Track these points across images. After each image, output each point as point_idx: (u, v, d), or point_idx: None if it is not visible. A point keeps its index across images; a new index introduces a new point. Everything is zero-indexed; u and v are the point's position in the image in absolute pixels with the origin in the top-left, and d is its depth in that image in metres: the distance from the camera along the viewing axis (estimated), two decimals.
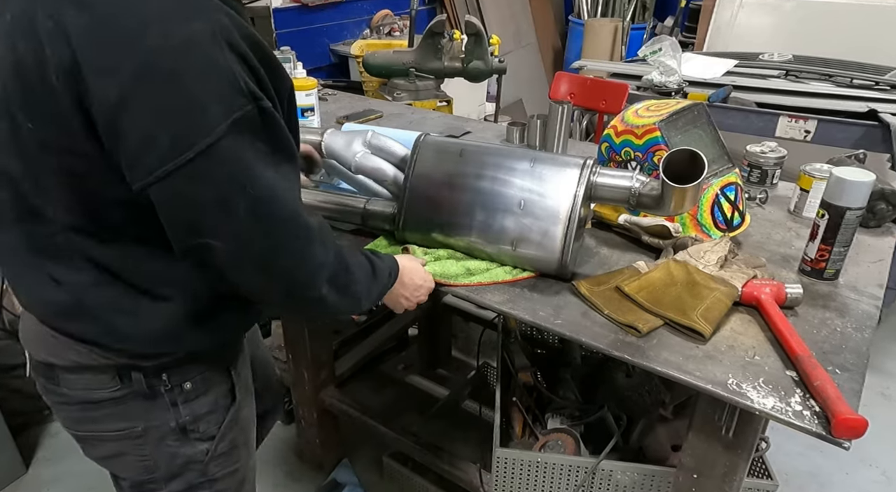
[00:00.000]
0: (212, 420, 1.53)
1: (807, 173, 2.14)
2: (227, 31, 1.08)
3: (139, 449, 1.48)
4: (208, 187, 1.12)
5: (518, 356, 2.56)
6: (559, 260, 1.72)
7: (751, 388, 1.39)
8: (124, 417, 1.44)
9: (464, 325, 3.75)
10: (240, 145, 1.10)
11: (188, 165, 1.08)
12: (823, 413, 1.31)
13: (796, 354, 1.44)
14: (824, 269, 1.80)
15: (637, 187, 1.68)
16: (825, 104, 3.66)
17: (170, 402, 1.45)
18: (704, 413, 1.56)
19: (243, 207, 1.14)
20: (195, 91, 1.06)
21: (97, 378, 1.39)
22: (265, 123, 1.14)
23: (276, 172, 1.18)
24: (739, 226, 1.97)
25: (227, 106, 1.08)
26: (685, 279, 1.70)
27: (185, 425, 1.49)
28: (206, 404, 1.51)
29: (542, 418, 2.38)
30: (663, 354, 1.50)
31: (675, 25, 6.78)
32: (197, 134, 1.07)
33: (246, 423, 1.65)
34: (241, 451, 1.65)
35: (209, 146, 1.07)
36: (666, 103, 1.99)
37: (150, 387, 1.41)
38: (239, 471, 1.66)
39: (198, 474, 1.56)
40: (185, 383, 1.46)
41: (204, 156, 1.08)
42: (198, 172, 1.09)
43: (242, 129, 1.10)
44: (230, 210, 1.13)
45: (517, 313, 1.67)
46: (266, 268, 1.22)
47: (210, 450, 1.55)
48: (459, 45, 4.25)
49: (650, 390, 2.30)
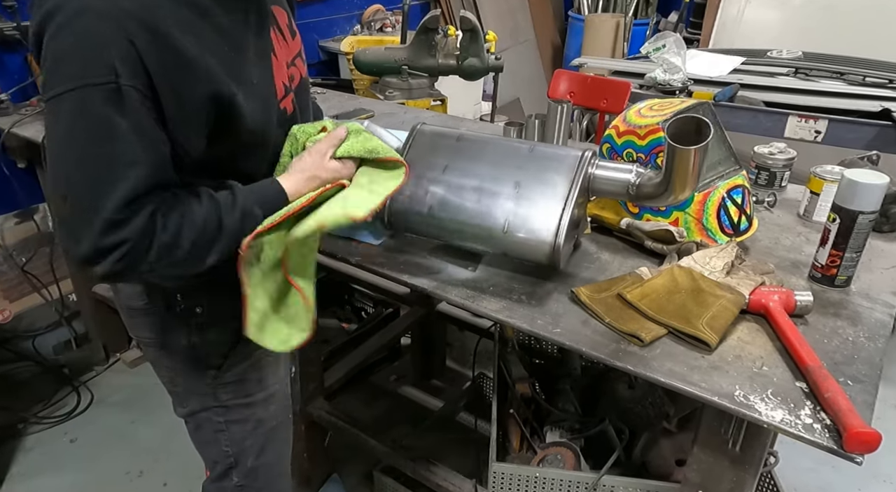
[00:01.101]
0: (218, 349, 1.78)
1: (817, 176, 2.14)
2: (124, 13, 1.25)
3: (164, 360, 1.82)
4: (50, 130, 1.31)
5: (515, 367, 2.55)
6: (552, 245, 1.69)
7: (759, 400, 1.39)
8: (153, 328, 1.77)
9: (459, 334, 3.76)
10: (82, 107, 1.26)
11: (47, 103, 1.28)
12: (835, 426, 1.30)
13: (806, 365, 1.43)
14: (835, 275, 1.80)
15: (635, 180, 1.69)
16: (836, 103, 3.66)
17: (184, 322, 1.72)
18: (710, 426, 1.56)
19: (60, 159, 1.29)
20: (67, 49, 1.25)
21: (134, 289, 1.72)
22: (122, 101, 1.27)
23: (111, 146, 1.29)
24: (747, 231, 1.97)
25: (86, 70, 1.25)
26: (690, 286, 1.70)
27: (195, 345, 1.75)
28: (214, 332, 1.75)
29: (540, 432, 2.37)
30: (667, 365, 1.49)
31: (679, 21, 6.80)
32: (55, 83, 1.26)
33: (263, 362, 1.88)
34: (252, 386, 1.88)
35: (57, 95, 1.26)
36: (670, 102, 1.99)
37: (168, 305, 1.70)
38: (253, 407, 1.90)
39: (210, 398, 1.84)
40: (196, 308, 1.71)
41: (54, 101, 1.26)
42: (49, 112, 1.29)
43: (94, 95, 1.25)
44: (54, 159, 1.30)
45: (514, 322, 1.67)
46: (61, 224, 1.34)
47: (217, 375, 1.81)
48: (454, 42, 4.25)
49: (653, 402, 2.30)
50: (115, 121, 1.27)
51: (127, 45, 1.25)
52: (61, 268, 3.78)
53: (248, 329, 1.59)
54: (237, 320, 1.64)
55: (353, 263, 1.95)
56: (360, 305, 4.03)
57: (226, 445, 1.93)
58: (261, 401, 1.92)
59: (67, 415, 3.56)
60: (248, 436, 1.94)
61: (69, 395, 3.70)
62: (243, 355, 1.82)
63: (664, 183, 1.63)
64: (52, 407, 3.62)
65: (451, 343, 3.84)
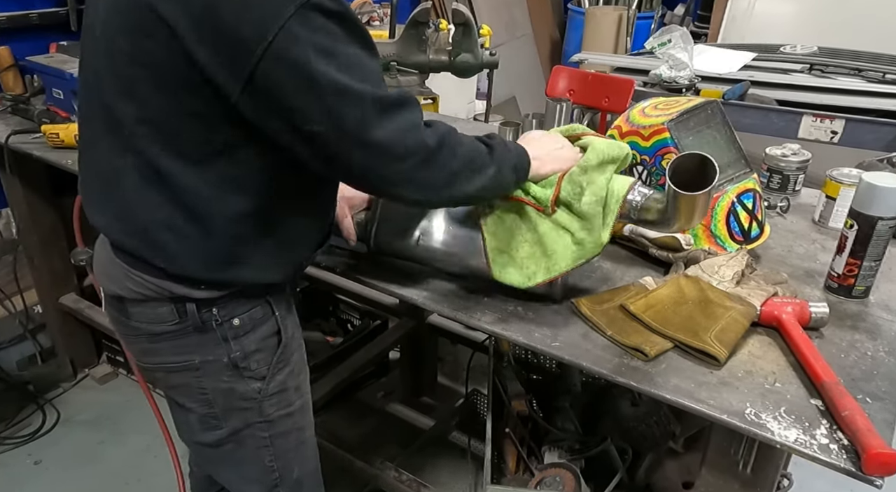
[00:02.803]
0: (261, 359, 1.79)
1: (833, 179, 2.14)
2: None
3: (198, 382, 1.78)
4: (289, 69, 1.32)
5: (511, 383, 2.55)
6: None
7: (771, 418, 1.39)
8: (183, 350, 1.73)
9: (451, 347, 3.76)
10: (310, 26, 1.31)
11: (267, 54, 1.29)
12: (852, 447, 1.30)
13: (822, 381, 1.43)
14: (853, 285, 1.80)
15: (639, 201, 1.66)
16: (854, 102, 3.67)
17: (221, 336, 1.71)
18: (719, 446, 1.56)
19: (323, 85, 1.33)
20: None
21: (158, 311, 1.67)
22: (338, 6, 1.35)
23: (350, 52, 1.38)
24: (758, 238, 1.97)
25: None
26: (697, 297, 1.70)
27: (237, 361, 1.75)
28: (254, 342, 1.76)
29: (538, 452, 2.37)
30: (673, 381, 1.49)
31: (686, 14, 6.82)
32: (268, 22, 1.28)
33: (297, 368, 1.91)
34: (292, 395, 1.90)
35: (281, 27, 1.28)
36: (676, 101, 2.00)
37: (202, 321, 1.67)
38: (294, 416, 1.92)
39: (255, 413, 1.84)
40: (234, 320, 1.71)
41: (280, 36, 1.28)
42: (277, 54, 1.30)
43: (312, 11, 1.31)
44: (316, 89, 1.34)
45: (510, 335, 1.67)
46: (363, 142, 1.40)
47: (262, 388, 1.81)
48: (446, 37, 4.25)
49: (658, 420, 2.30)
50: (339, 31, 1.36)
51: None
52: (25, 277, 3.75)
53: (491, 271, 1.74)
54: (277, 324, 1.78)
55: (338, 272, 1.95)
56: (346, 316, 4.02)
57: (270, 460, 1.93)
58: (299, 409, 1.94)
59: (32, 435, 3.54)
60: (292, 447, 1.97)
61: (34, 413, 3.68)
62: (284, 362, 1.84)
63: (667, 220, 1.62)
64: (14, 427, 3.59)
65: (442, 358, 3.84)
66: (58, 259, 3.68)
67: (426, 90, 4.39)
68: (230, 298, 1.68)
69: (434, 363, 3.71)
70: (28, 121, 3.09)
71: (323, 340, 3.86)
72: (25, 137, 2.95)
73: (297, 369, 1.90)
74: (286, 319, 1.82)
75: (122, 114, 1.48)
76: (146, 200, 1.53)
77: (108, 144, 1.55)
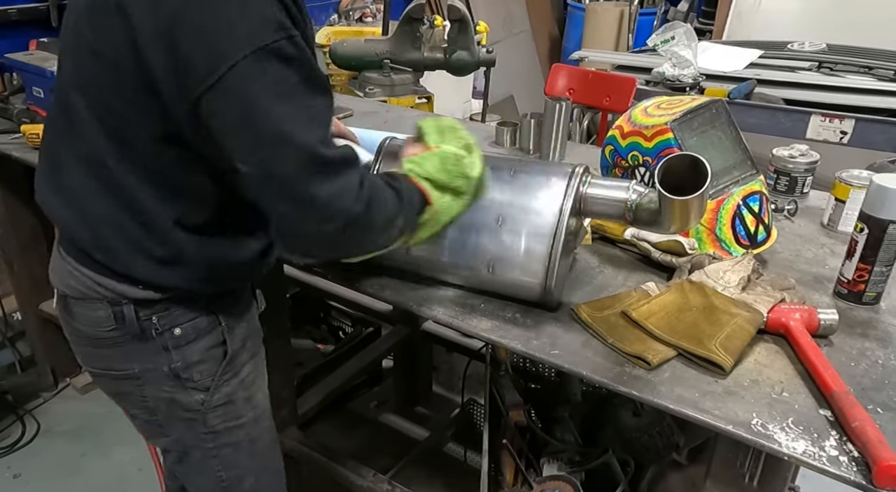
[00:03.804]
0: (205, 370, 1.79)
1: (843, 181, 2.14)
2: None
3: (140, 390, 1.79)
4: (234, 106, 1.37)
5: (509, 392, 2.55)
6: (542, 285, 1.71)
7: (778, 429, 1.38)
8: (123, 358, 1.75)
9: (446, 356, 3.76)
10: (264, 70, 1.35)
11: (216, 86, 1.34)
12: (863, 459, 1.30)
13: (831, 391, 1.43)
14: (863, 291, 1.80)
15: (634, 199, 1.66)
16: (864, 101, 3.68)
17: (161, 346, 1.72)
18: (725, 458, 1.56)
19: (264, 129, 1.37)
20: (232, 14, 1.33)
21: (96, 315, 1.69)
22: (298, 53, 1.39)
23: (302, 102, 1.41)
24: (764, 242, 1.97)
25: (257, 32, 1.33)
26: (702, 303, 1.70)
27: (178, 371, 1.76)
28: (197, 353, 1.77)
29: (536, 464, 2.37)
30: (676, 390, 1.49)
31: (690, 10, 6.84)
32: (224, 56, 1.32)
33: (250, 378, 1.91)
34: (241, 406, 1.90)
35: (232, 66, 1.32)
36: (679, 100, 2.00)
37: (142, 329, 1.69)
38: (245, 427, 1.92)
39: (199, 424, 1.85)
40: (175, 329, 1.72)
41: (227, 75, 1.33)
42: (223, 91, 1.35)
43: (270, 56, 1.35)
44: (255, 134, 1.38)
45: (508, 342, 1.66)
46: (289, 196, 1.42)
47: (206, 400, 1.82)
48: (441, 33, 4.26)
49: (661, 431, 2.30)
50: (293, 78, 1.38)
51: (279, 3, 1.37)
52: (4, 283, 3.75)
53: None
54: (222, 335, 1.79)
55: (330, 277, 1.94)
56: (338, 323, 4.02)
57: (218, 470, 1.94)
58: (251, 421, 1.94)
59: (11, 447, 3.53)
60: (243, 458, 1.97)
61: (13, 424, 3.67)
62: (232, 373, 1.84)
63: (661, 221, 1.62)
64: None
65: (437, 366, 3.84)
66: (38, 264, 3.65)
67: (420, 89, 4.40)
68: (171, 305, 1.70)
69: (429, 372, 3.71)
70: (7, 120, 3.07)
71: (313, 348, 3.85)
72: (4, 138, 2.94)
73: (248, 379, 1.91)
74: (235, 330, 1.83)
75: (78, 105, 1.54)
76: (90, 192, 1.58)
77: (62, 133, 1.61)
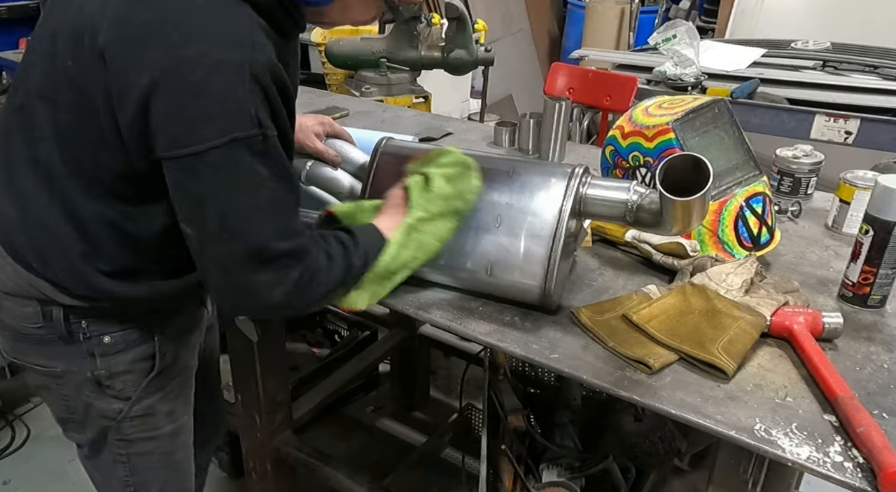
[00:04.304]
0: (129, 381, 1.82)
1: (848, 182, 2.14)
2: (257, 66, 1.40)
3: (60, 389, 1.82)
4: (193, 183, 1.43)
5: (507, 397, 2.55)
6: (542, 287, 1.71)
7: (782, 434, 1.38)
8: (47, 355, 1.77)
9: (444, 360, 3.76)
10: (232, 161, 1.41)
11: (183, 159, 1.41)
12: (868, 465, 1.30)
13: (836, 396, 1.43)
14: (869, 294, 1.80)
15: (634, 200, 1.66)
16: (870, 100, 3.68)
17: (87, 351, 1.75)
18: (727, 464, 1.55)
19: (217, 212, 1.44)
20: (208, 105, 1.38)
21: (24, 310, 1.71)
22: (266, 150, 1.44)
23: (264, 195, 1.47)
24: (768, 244, 1.97)
25: (231, 125, 1.39)
26: (704, 306, 1.70)
27: (100, 379, 1.79)
28: (124, 363, 1.80)
29: (535, 470, 2.37)
30: (678, 395, 1.49)
31: (692, 8, 6.83)
32: (196, 138, 1.38)
33: (175, 393, 1.95)
34: (161, 419, 1.93)
35: (201, 151, 1.38)
36: (681, 100, 2.00)
37: (69, 332, 1.72)
38: (160, 440, 1.96)
39: (113, 430, 1.87)
40: (105, 337, 1.75)
41: (195, 157, 1.39)
42: (188, 168, 1.42)
43: (240, 148, 1.40)
44: (205, 210, 1.45)
45: (506, 346, 1.66)
46: (225, 274, 1.50)
47: (123, 410, 1.84)
48: (439, 32, 4.25)
49: (663, 436, 2.30)
50: (262, 171, 1.44)
51: (264, 98, 1.42)
52: None
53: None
54: (154, 348, 1.83)
55: None
56: (333, 327, 4.01)
57: (125, 477, 1.96)
58: (168, 434, 1.97)
59: (0, 453, 3.52)
60: (152, 468, 1.99)
61: (2, 430, 3.66)
62: (157, 387, 1.88)
63: (663, 223, 1.61)
64: None
65: (435, 370, 3.84)
66: None
67: (418, 88, 4.40)
68: (102, 312, 1.73)
69: (426, 376, 3.71)
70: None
71: (309, 352, 3.85)
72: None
73: (173, 393, 1.94)
74: (168, 345, 1.87)
75: (40, 114, 1.56)
76: (36, 199, 1.60)
77: (18, 132, 1.62)
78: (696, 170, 1.48)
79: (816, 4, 5.22)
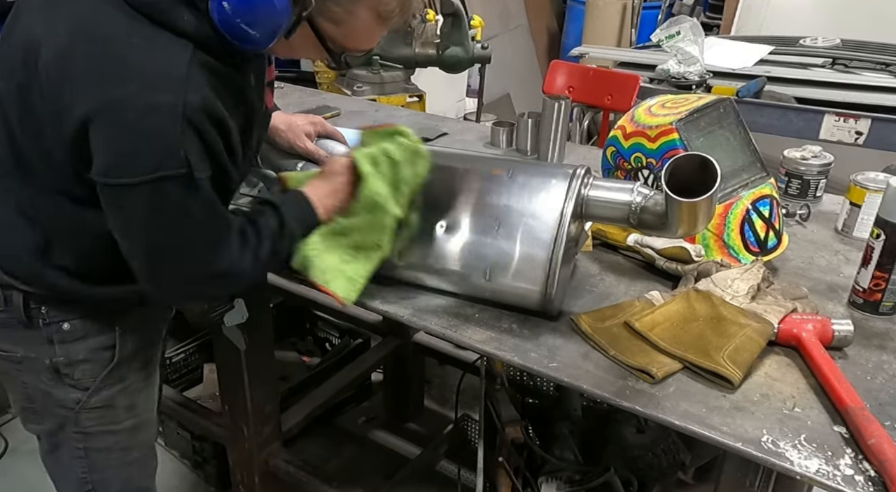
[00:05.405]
0: (87, 370, 1.87)
1: (858, 184, 2.14)
2: (190, 108, 1.46)
3: (20, 375, 1.88)
4: (123, 210, 1.54)
5: (505, 407, 2.54)
6: (542, 292, 1.71)
7: (790, 446, 1.38)
8: (9, 340, 1.82)
9: (439, 369, 3.76)
10: (161, 196, 1.49)
11: (114, 187, 1.50)
12: (880, 478, 1.30)
13: (846, 406, 1.43)
14: (880, 301, 1.80)
15: (638, 202, 1.66)
16: (881, 99, 3.68)
17: (46, 337, 1.80)
18: (733, 478, 1.55)
19: (143, 237, 1.57)
20: (140, 144, 1.46)
21: None
22: (196, 187, 1.51)
23: (192, 227, 1.57)
24: (775, 248, 1.97)
25: (160, 164, 1.46)
26: (709, 313, 1.70)
27: (59, 366, 1.83)
28: (83, 351, 1.84)
29: (534, 483, 2.37)
30: (682, 405, 1.49)
31: (696, 4, 6.84)
32: (127, 172, 1.47)
33: (136, 386, 1.99)
34: (121, 413, 1.97)
35: (132, 184, 1.47)
36: (685, 99, 2.00)
37: (28, 317, 1.77)
38: (119, 434, 1.99)
39: (71, 422, 1.92)
40: (64, 324, 1.80)
41: (126, 188, 1.48)
42: (119, 195, 1.51)
43: (169, 186, 1.48)
44: (132, 232, 1.57)
45: (504, 355, 1.66)
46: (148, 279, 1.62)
47: (82, 399, 1.88)
48: (433, 28, 4.26)
49: (666, 448, 2.29)
50: (192, 207, 1.53)
51: (196, 138, 1.48)
52: None
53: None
54: (114, 339, 1.88)
55: None
56: (324, 334, 4.01)
57: (83, 472, 2.00)
58: (128, 429, 2.01)
59: None
60: (111, 465, 2.03)
61: None
62: (117, 378, 1.92)
63: (668, 225, 1.61)
64: None
65: (429, 380, 3.84)
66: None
67: (412, 87, 4.40)
68: (66, 300, 1.79)
69: (420, 386, 3.71)
70: None
71: (298, 361, 3.85)
72: None
73: (134, 387, 1.98)
74: (129, 335, 1.91)
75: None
76: None
77: None
78: (703, 170, 1.48)
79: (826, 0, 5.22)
